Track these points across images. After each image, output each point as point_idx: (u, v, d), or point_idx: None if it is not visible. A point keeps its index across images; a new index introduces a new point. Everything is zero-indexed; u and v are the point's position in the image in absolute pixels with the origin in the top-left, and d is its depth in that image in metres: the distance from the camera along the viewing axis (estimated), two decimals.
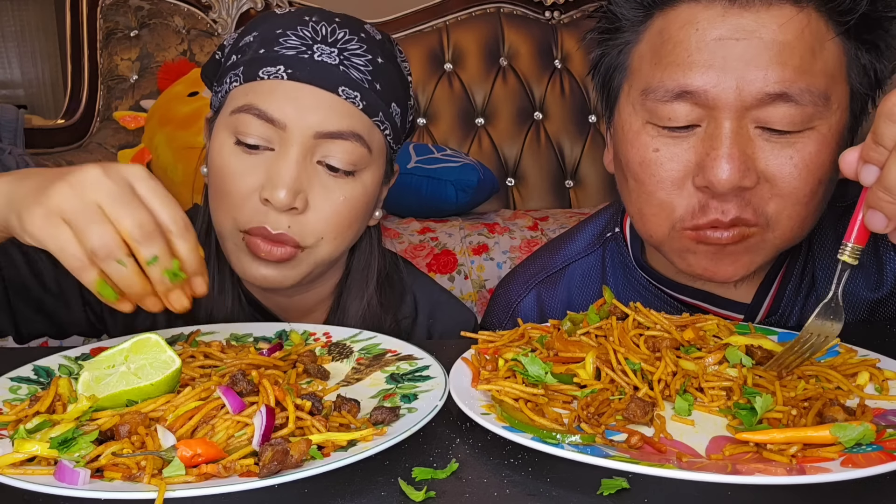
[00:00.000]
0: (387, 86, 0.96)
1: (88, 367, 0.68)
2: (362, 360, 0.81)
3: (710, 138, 0.80)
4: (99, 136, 2.70)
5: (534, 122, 3.01)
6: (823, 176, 0.81)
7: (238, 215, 0.91)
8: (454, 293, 2.28)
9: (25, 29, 6.10)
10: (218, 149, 0.93)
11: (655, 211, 0.86)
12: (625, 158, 0.89)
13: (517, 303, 1.09)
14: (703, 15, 0.80)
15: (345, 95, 0.91)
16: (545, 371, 0.71)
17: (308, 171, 0.90)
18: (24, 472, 0.54)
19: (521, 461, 0.59)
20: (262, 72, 0.91)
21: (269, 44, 0.92)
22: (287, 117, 0.89)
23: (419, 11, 3.03)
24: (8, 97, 6.00)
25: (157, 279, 0.67)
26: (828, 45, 0.79)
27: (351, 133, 0.91)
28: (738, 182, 0.78)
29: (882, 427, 0.60)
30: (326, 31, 0.93)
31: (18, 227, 0.66)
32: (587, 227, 1.10)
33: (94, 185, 0.65)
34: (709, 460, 0.58)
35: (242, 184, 0.91)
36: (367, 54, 0.94)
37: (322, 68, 0.91)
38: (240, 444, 0.59)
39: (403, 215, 2.58)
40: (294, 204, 0.89)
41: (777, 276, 0.96)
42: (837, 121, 0.81)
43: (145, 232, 0.65)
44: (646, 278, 1.00)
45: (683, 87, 0.80)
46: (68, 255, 0.64)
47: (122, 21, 2.78)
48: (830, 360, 0.76)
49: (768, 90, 0.77)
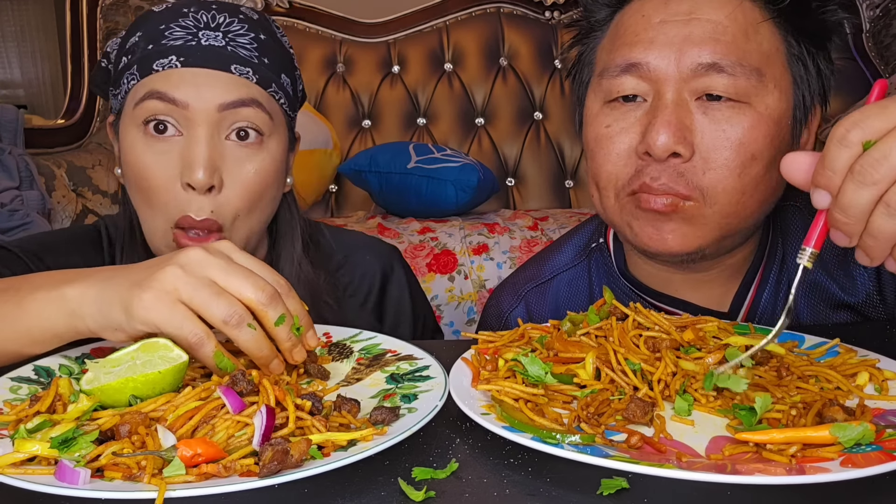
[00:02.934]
0: (274, 60, 1.00)
1: (93, 368, 0.68)
2: (362, 360, 0.82)
3: (654, 109, 0.87)
4: (99, 136, 2.70)
5: (534, 122, 3.01)
6: (757, 153, 0.86)
7: (164, 207, 0.94)
8: (454, 293, 2.28)
9: (25, 29, 6.10)
10: (130, 146, 0.96)
11: (605, 183, 0.93)
12: (585, 140, 0.97)
13: (508, 313, 1.14)
14: (650, 4, 0.90)
15: (238, 72, 0.96)
16: (545, 371, 0.71)
17: (219, 149, 0.95)
18: (24, 471, 0.54)
19: (520, 461, 0.59)
20: (157, 64, 0.95)
21: (155, 39, 0.96)
22: (188, 97, 0.93)
23: (419, 11, 3.03)
24: (8, 97, 6.00)
25: (285, 337, 0.71)
26: (762, 28, 0.87)
27: (251, 100, 0.96)
28: (672, 146, 0.84)
29: (881, 427, 0.60)
30: (207, 18, 0.98)
31: (124, 318, 0.69)
32: (573, 238, 1.16)
33: (202, 264, 0.69)
34: (708, 460, 0.58)
35: (161, 173, 0.94)
36: (250, 33, 0.99)
37: (211, 52, 0.95)
38: (240, 443, 0.59)
39: (403, 215, 2.58)
40: (212, 182, 0.93)
41: (753, 282, 0.98)
42: (775, 101, 0.87)
43: (269, 295, 0.69)
44: (629, 287, 1.04)
45: (629, 61, 0.89)
46: (187, 331, 0.67)
47: (122, 21, 2.78)
48: (830, 361, 0.76)
49: (702, 61, 0.85)
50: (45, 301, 0.73)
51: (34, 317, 0.73)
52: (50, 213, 2.27)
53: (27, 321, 0.74)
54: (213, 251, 0.71)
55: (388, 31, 3.04)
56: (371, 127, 2.99)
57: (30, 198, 2.17)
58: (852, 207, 0.58)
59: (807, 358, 0.76)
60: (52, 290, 0.73)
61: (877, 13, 2.91)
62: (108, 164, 2.57)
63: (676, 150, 0.84)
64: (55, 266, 0.84)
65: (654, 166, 0.86)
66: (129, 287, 0.69)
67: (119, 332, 0.70)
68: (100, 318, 0.70)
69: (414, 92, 3.00)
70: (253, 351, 0.70)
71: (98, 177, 2.53)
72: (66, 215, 2.36)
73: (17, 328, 0.74)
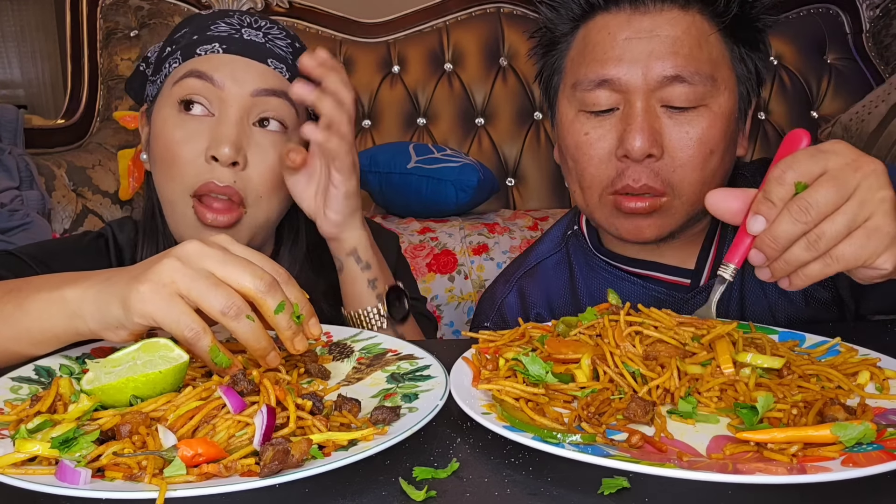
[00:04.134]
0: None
1: (94, 368, 0.68)
2: (363, 359, 0.82)
3: (627, 117, 1.00)
4: (99, 136, 2.70)
5: (534, 122, 3.01)
6: (715, 147, 1.00)
7: (186, 178, 0.99)
8: (454, 293, 2.28)
9: (25, 29, 6.10)
10: (162, 123, 1.02)
11: (588, 183, 1.06)
12: (563, 144, 1.09)
13: (502, 298, 1.25)
14: (614, 21, 1.02)
15: (273, 66, 1.03)
16: (546, 371, 0.71)
17: (246, 132, 1.00)
18: (25, 471, 0.54)
19: (521, 461, 0.59)
20: (200, 49, 1.02)
21: (202, 31, 1.04)
22: (225, 79, 0.99)
23: (419, 11, 3.02)
24: (8, 97, 6.00)
25: (285, 325, 0.71)
26: (711, 38, 1.01)
27: (282, 91, 1.02)
28: (647, 149, 0.97)
29: (883, 426, 0.60)
30: (250, 20, 1.06)
31: (122, 313, 0.68)
32: (552, 230, 1.30)
33: (200, 255, 0.69)
34: (709, 460, 0.58)
35: (189, 148, 0.99)
36: (287, 38, 1.08)
37: (252, 45, 1.03)
38: (241, 443, 0.59)
39: (403, 215, 2.58)
40: (237, 158, 0.98)
41: (713, 241, 1.12)
42: (725, 101, 1.01)
43: (267, 283, 0.69)
44: (604, 260, 1.17)
45: (602, 77, 1.01)
46: (183, 325, 0.67)
47: (122, 21, 2.78)
48: (831, 360, 0.76)
49: (666, 73, 0.98)
50: (46, 302, 0.73)
51: (35, 318, 0.74)
52: (50, 213, 2.27)
53: (27, 322, 0.74)
54: (210, 243, 0.71)
55: (388, 31, 3.04)
56: (371, 127, 2.99)
57: (30, 198, 2.17)
58: (782, 238, 0.70)
59: (808, 357, 0.76)
60: (52, 291, 0.73)
61: (877, 13, 2.91)
62: (108, 164, 2.57)
63: (651, 152, 0.98)
64: (61, 271, 0.84)
65: (634, 168, 1.00)
66: (127, 282, 0.69)
67: (120, 330, 0.70)
68: (99, 316, 0.70)
69: (414, 92, 3.00)
70: (251, 342, 0.69)
71: (98, 177, 2.53)
72: (66, 215, 2.36)
73: (17, 329, 0.74)
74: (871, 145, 2.57)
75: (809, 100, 2.93)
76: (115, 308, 0.69)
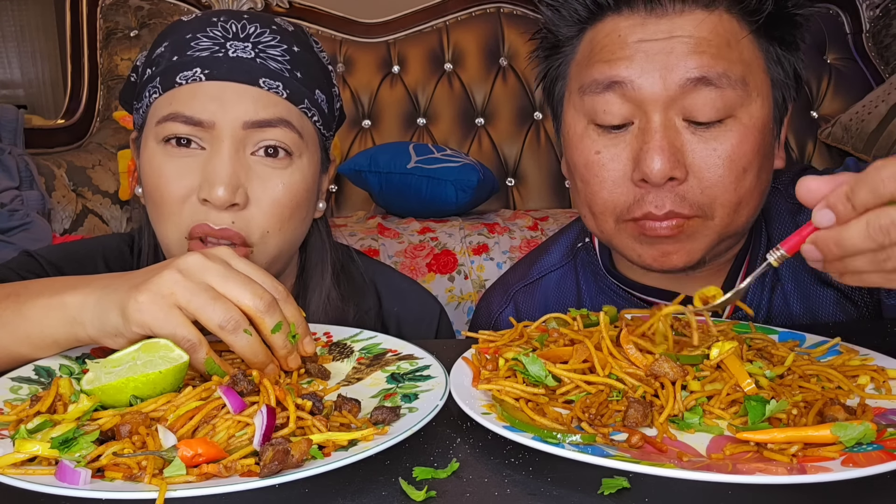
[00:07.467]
0: (307, 74, 0.95)
1: (94, 368, 0.68)
2: (363, 359, 0.81)
3: (643, 133, 0.86)
4: (99, 136, 2.70)
5: (534, 122, 3.01)
6: (748, 165, 0.86)
7: (179, 219, 0.90)
8: (454, 293, 2.28)
9: (25, 29, 6.09)
10: (149, 158, 0.92)
11: (601, 209, 0.92)
12: (571, 161, 0.95)
13: (498, 313, 1.15)
14: (625, 24, 0.88)
15: (266, 87, 0.90)
16: (546, 371, 0.70)
17: (244, 165, 0.90)
18: (24, 472, 0.54)
19: (521, 461, 0.59)
20: (180, 77, 0.90)
21: (180, 50, 0.91)
22: (214, 115, 0.88)
23: (419, 11, 3.03)
24: (8, 97, 5.99)
25: (281, 344, 0.71)
26: (743, 41, 0.87)
27: (279, 120, 0.91)
28: (669, 172, 0.84)
29: (883, 426, 0.60)
30: (237, 28, 0.92)
31: (121, 321, 0.68)
32: (560, 239, 1.17)
33: (201, 269, 0.69)
34: (709, 460, 0.58)
35: (179, 186, 0.89)
36: (282, 45, 0.93)
37: (239, 63, 0.90)
38: (240, 443, 0.59)
39: (403, 215, 2.58)
40: (234, 200, 0.88)
41: (740, 272, 0.99)
42: (758, 109, 0.87)
43: (266, 303, 0.69)
44: (616, 283, 1.05)
45: (611, 78, 0.86)
46: (180, 337, 0.67)
47: (122, 21, 2.79)
48: (831, 360, 0.76)
49: (689, 75, 0.83)
50: (46, 308, 0.73)
51: (34, 324, 0.73)
52: (50, 213, 2.27)
53: (27, 328, 0.74)
54: (212, 257, 0.70)
55: (388, 31, 3.04)
56: (371, 127, 2.99)
57: (30, 198, 2.17)
58: (849, 246, 0.59)
59: (808, 357, 0.76)
60: (52, 296, 0.73)
61: (877, 13, 2.91)
62: (108, 164, 2.57)
63: (673, 175, 0.84)
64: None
65: (654, 193, 0.86)
66: (126, 290, 0.69)
67: (118, 338, 0.70)
68: (98, 323, 0.70)
69: (414, 92, 3.00)
70: (248, 356, 0.69)
71: (98, 177, 2.53)
72: (66, 215, 2.36)
73: (16, 334, 0.74)
74: (871, 145, 2.58)
75: (809, 100, 2.93)
76: (114, 316, 0.69)
